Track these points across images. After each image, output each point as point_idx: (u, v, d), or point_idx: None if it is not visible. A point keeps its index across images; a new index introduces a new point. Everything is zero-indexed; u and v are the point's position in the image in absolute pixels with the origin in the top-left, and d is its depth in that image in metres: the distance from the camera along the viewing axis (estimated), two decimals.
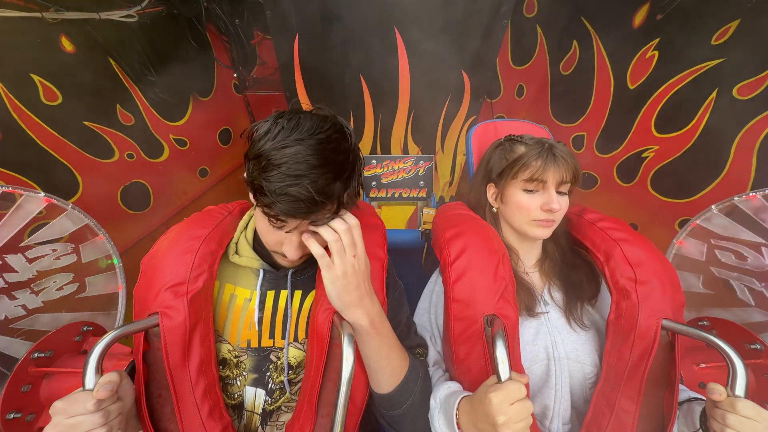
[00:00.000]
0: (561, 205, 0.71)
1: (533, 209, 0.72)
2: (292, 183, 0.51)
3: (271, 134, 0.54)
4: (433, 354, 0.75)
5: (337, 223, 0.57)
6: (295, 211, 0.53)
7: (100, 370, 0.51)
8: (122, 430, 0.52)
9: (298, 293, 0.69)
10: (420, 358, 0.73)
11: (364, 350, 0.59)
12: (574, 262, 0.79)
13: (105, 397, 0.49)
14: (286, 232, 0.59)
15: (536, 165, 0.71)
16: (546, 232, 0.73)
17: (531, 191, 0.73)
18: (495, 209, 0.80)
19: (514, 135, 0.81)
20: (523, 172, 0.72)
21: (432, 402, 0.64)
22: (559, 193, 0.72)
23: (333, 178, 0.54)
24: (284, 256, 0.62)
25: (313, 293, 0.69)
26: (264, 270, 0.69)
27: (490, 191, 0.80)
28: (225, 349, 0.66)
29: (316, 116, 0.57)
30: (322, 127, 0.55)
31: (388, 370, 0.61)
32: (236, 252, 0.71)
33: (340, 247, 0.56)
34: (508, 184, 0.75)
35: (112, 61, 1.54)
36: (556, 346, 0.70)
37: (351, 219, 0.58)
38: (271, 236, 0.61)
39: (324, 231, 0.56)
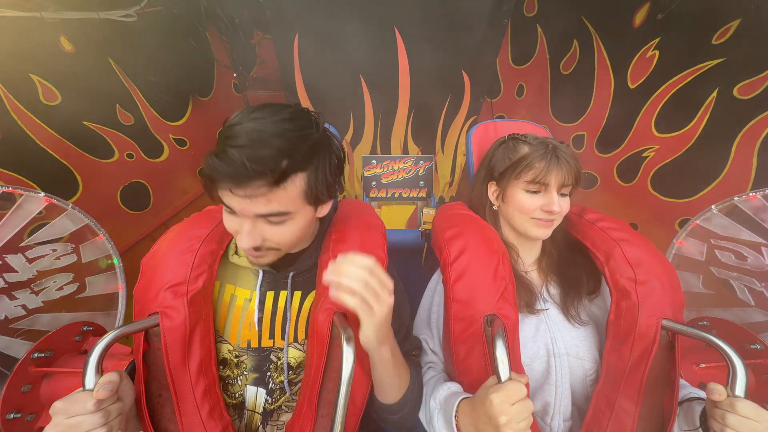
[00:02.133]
0: (562, 207, 0.71)
1: (533, 210, 0.72)
2: (232, 148, 0.49)
3: (238, 114, 0.54)
4: (430, 355, 0.75)
5: (356, 270, 0.50)
6: (224, 173, 0.50)
7: (100, 370, 0.51)
8: (122, 430, 0.52)
9: (297, 294, 0.69)
10: (415, 359, 0.74)
11: (377, 368, 0.60)
12: (572, 258, 0.79)
13: (105, 397, 0.49)
14: (241, 215, 0.55)
15: (539, 167, 0.71)
16: (546, 232, 0.73)
17: (533, 192, 0.73)
18: (495, 207, 0.80)
19: (517, 134, 0.80)
20: (526, 173, 0.72)
21: (432, 402, 0.64)
22: (561, 195, 0.72)
23: (279, 154, 0.51)
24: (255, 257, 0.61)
25: (312, 294, 0.69)
26: (263, 270, 0.69)
27: (491, 189, 0.80)
28: (225, 349, 0.67)
29: (291, 105, 0.56)
30: (287, 110, 0.54)
31: (397, 384, 0.63)
32: (236, 252, 0.71)
33: (373, 292, 0.51)
34: (510, 183, 0.75)
35: (111, 61, 1.53)
36: (556, 343, 0.70)
37: (366, 260, 0.52)
38: (228, 222, 0.58)
39: (347, 280, 0.50)
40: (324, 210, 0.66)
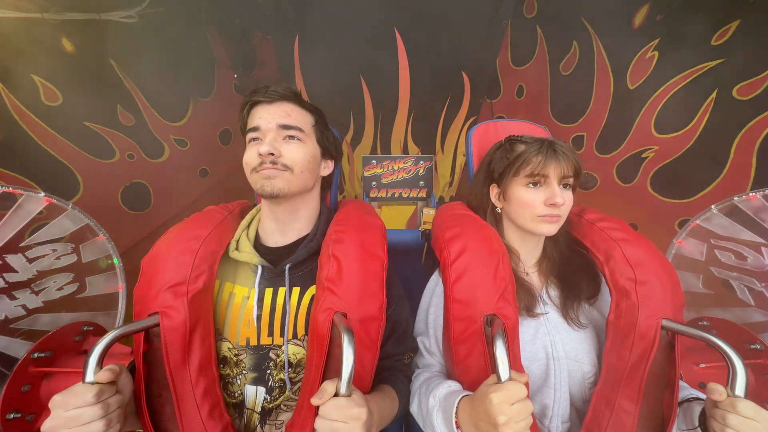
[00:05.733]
0: (565, 199, 0.70)
1: (537, 205, 0.71)
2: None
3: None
4: (427, 357, 0.75)
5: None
6: (261, 92, 0.70)
7: (100, 367, 0.51)
8: (120, 423, 0.52)
9: (296, 290, 0.69)
10: (406, 361, 0.75)
11: None
12: (573, 261, 0.78)
13: (106, 380, 0.49)
14: (263, 138, 0.69)
15: (537, 160, 0.71)
16: (552, 228, 0.72)
17: (533, 186, 0.73)
18: (498, 209, 0.80)
19: (514, 135, 0.81)
20: (524, 169, 0.72)
21: (431, 400, 0.64)
22: (563, 187, 0.72)
23: (299, 102, 0.73)
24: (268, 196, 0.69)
25: (311, 289, 0.69)
26: (262, 266, 0.69)
27: (494, 192, 0.80)
28: (225, 348, 0.67)
29: None
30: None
31: (387, 421, 0.65)
32: (236, 248, 0.72)
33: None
34: (510, 182, 0.75)
35: (112, 61, 1.54)
36: (555, 346, 0.69)
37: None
38: (250, 155, 0.68)
39: None
40: (326, 169, 0.79)
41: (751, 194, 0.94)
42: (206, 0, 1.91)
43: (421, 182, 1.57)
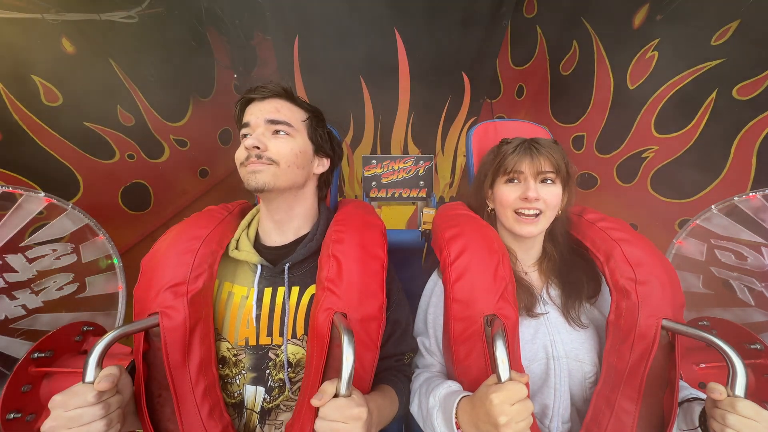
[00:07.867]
0: (541, 194, 0.70)
1: (513, 200, 0.73)
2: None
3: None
4: (427, 358, 0.75)
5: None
6: (253, 90, 0.71)
7: (100, 367, 0.51)
8: (120, 423, 0.52)
9: (295, 289, 0.69)
10: (406, 361, 0.75)
11: None
12: (573, 261, 0.78)
13: (106, 389, 0.49)
14: (252, 134, 0.68)
15: (512, 157, 0.73)
16: (529, 229, 0.72)
17: (510, 183, 0.75)
18: (490, 209, 0.81)
19: (506, 138, 0.81)
20: (503, 167, 0.75)
21: (431, 400, 0.64)
22: (542, 183, 0.72)
23: (290, 99, 0.73)
24: (256, 189, 0.67)
25: (310, 289, 0.69)
26: (261, 265, 0.69)
27: (488, 194, 0.81)
28: (224, 348, 0.67)
29: None
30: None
31: (387, 421, 0.65)
32: (236, 247, 0.72)
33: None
34: (495, 183, 0.78)
35: (112, 61, 1.54)
36: (555, 345, 0.69)
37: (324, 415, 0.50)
38: (239, 150, 0.69)
39: None
40: (320, 167, 0.77)
41: (751, 194, 0.94)
42: (206, 0, 1.91)
43: (421, 182, 1.57)
